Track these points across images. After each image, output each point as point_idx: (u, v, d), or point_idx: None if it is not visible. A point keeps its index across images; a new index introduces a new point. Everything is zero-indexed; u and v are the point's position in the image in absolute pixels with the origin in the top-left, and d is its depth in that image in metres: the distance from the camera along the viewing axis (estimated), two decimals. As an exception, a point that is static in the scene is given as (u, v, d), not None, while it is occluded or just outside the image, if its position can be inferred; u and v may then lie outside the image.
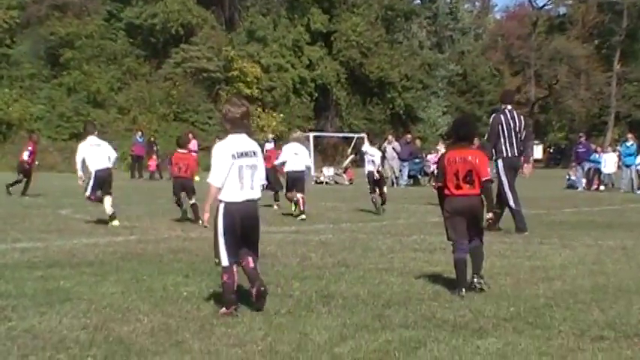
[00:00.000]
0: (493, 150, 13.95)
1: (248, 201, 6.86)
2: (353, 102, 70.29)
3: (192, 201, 14.82)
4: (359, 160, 52.32)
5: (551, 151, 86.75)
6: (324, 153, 60.97)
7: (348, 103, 69.18)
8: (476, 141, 10.55)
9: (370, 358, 5.09)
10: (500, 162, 13.96)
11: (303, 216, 16.07)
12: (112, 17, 59.12)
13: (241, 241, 6.88)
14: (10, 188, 22.34)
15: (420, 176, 37.18)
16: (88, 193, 14.23)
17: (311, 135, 46.00)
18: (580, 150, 34.29)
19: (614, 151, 35.44)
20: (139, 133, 42.34)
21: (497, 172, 13.75)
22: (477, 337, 5.72)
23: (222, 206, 6.77)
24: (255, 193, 6.94)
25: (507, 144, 13.86)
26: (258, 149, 7.10)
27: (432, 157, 37.67)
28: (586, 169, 33.68)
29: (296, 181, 16.83)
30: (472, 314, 6.48)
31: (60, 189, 27.25)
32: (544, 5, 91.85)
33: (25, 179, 23.04)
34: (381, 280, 8.14)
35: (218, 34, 61.49)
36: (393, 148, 34.48)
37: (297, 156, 17.10)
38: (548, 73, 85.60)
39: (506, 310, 6.66)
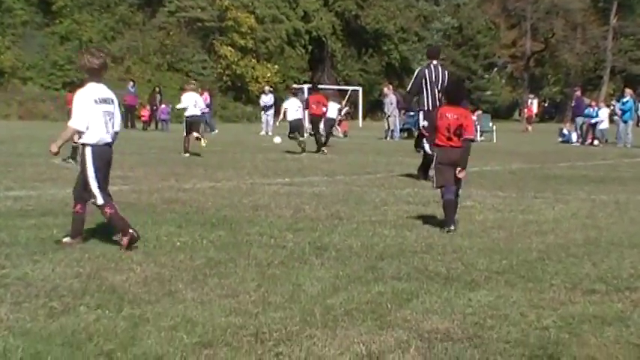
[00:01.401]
0: (416, 102, 14.46)
1: (108, 144, 7.34)
2: (348, 54, 70.00)
3: None
4: (353, 113, 52.48)
5: (546, 105, 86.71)
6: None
7: (343, 55, 68.91)
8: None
9: (362, 309, 5.10)
10: (421, 114, 14.35)
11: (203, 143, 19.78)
12: (105, -36, 58.43)
13: (104, 181, 7.39)
14: None
15: (414, 129, 37.09)
16: None
17: (305, 87, 45.83)
18: (574, 104, 34.28)
19: (607, 106, 35.41)
20: (131, 82, 42.13)
21: (417, 123, 14.68)
22: (469, 289, 5.74)
23: (90, 150, 7.19)
24: (110, 138, 7.36)
25: (430, 97, 14.16)
26: (115, 98, 7.53)
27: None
28: (579, 123, 33.70)
29: (194, 124, 20.57)
30: (464, 267, 6.50)
31: (53, 138, 27.17)
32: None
33: None
34: (374, 232, 8.16)
35: (212, -17, 60.88)
36: (391, 102, 34.31)
37: (196, 102, 20.61)
38: (544, 27, 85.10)
39: (498, 263, 6.68)
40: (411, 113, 37.05)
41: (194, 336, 4.44)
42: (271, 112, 37.36)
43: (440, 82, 14.18)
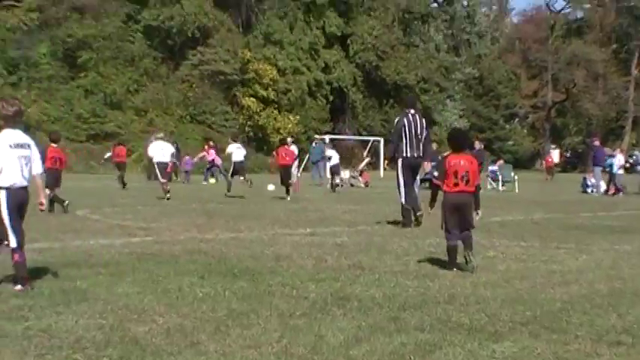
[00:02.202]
0: (395, 149, 15.01)
1: (23, 188, 7.63)
2: (369, 105, 70.39)
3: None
4: (375, 163, 52.53)
5: (568, 155, 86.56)
6: (340, 155, 60.95)
7: (364, 105, 69.27)
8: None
9: (385, 360, 5.08)
10: (399, 161, 14.91)
11: (169, 195, 22.29)
12: (129, 19, 59.35)
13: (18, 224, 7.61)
14: None
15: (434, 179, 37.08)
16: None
17: (327, 137, 46.00)
18: (593, 154, 34.16)
19: (621, 152, 35.29)
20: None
21: (396, 170, 15.02)
22: (493, 340, 5.69)
23: (4, 193, 7.48)
24: (26, 182, 7.66)
25: (408, 145, 14.76)
26: (32, 143, 7.85)
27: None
28: (599, 173, 33.52)
29: (163, 169, 23.31)
30: (488, 318, 6.45)
31: (76, 190, 27.34)
32: (562, 9, 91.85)
33: None
34: (396, 282, 8.13)
35: (234, 37, 61.69)
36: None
37: (162, 150, 23.59)
38: (565, 77, 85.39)
39: (522, 313, 6.63)
40: (433, 163, 37.20)
41: (216, 388, 4.43)
42: (295, 162, 37.57)
43: (418, 129, 14.84)
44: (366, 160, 40.61)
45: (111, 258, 9.56)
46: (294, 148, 38.12)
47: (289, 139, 40.57)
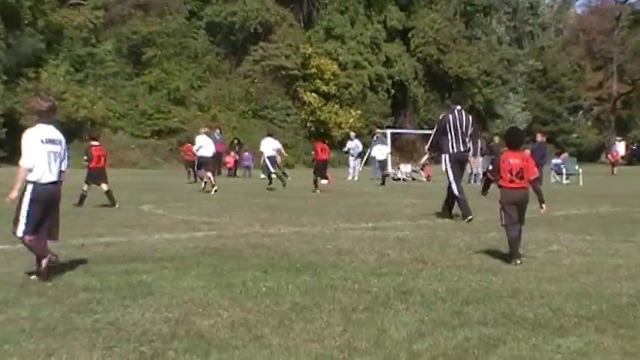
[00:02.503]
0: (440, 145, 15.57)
1: (52, 183, 7.79)
2: (431, 98, 69.95)
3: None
4: (437, 157, 52.19)
5: (634, 147, 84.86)
6: (402, 150, 60.83)
7: (425, 99, 68.87)
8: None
9: (449, 355, 5.06)
10: (446, 157, 15.39)
11: (216, 187, 22.89)
12: (192, 16, 59.89)
13: (43, 219, 7.81)
14: None
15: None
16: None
17: (388, 132, 45.86)
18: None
19: None
20: (217, 130, 42.76)
21: (445, 165, 15.50)
22: (558, 335, 5.64)
23: (30, 186, 7.67)
24: (57, 177, 7.87)
25: (454, 141, 15.18)
26: (63, 139, 8.03)
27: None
28: None
29: (205, 163, 24.35)
30: (552, 312, 6.40)
31: (141, 185, 27.74)
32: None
33: None
34: (459, 276, 8.09)
35: (296, 32, 61.81)
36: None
37: (206, 145, 24.72)
38: (631, 68, 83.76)
39: (587, 308, 6.56)
40: (493, 157, 36.83)
41: (280, 381, 4.47)
42: (358, 157, 37.79)
43: (464, 125, 15.20)
44: (428, 154, 40.31)
45: (176, 252, 9.69)
46: (357, 143, 38.20)
47: (352, 134, 40.68)
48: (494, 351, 5.19)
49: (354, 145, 38.22)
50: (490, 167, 10.10)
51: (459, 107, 15.56)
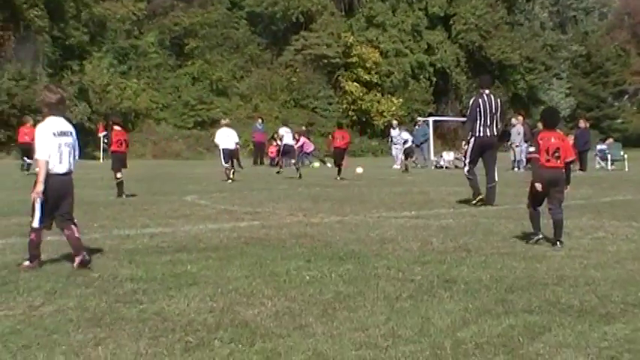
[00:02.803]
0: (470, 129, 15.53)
1: (65, 174, 7.90)
2: (473, 85, 69.44)
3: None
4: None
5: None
6: (444, 138, 60.58)
7: (468, 86, 68.45)
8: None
9: (494, 342, 5.04)
10: (472, 139, 15.44)
11: (231, 179, 23.73)
12: (234, 6, 60.19)
13: (56, 208, 7.88)
14: None
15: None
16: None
17: (430, 119, 45.67)
18: None
19: None
20: (260, 120, 42.93)
21: (468, 147, 15.58)
22: (604, 322, 5.59)
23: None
24: (70, 168, 7.97)
25: (482, 125, 15.31)
26: (74, 131, 8.12)
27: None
28: None
29: (229, 155, 24.81)
30: (598, 299, 6.34)
31: (185, 176, 27.95)
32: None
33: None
34: (503, 264, 8.05)
35: (337, 21, 61.82)
36: (518, 132, 33.82)
37: (228, 137, 25.31)
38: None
39: (634, 295, 6.49)
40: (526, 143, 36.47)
41: (325, 369, 4.49)
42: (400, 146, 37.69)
43: (493, 109, 15.37)
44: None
45: (219, 242, 9.75)
46: (404, 134, 37.99)
47: (394, 122, 40.54)
48: (540, 338, 5.16)
49: (396, 133, 38.10)
50: (532, 149, 10.11)
51: (487, 91, 15.71)
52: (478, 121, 15.31)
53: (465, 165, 15.86)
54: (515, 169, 33.03)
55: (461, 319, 5.69)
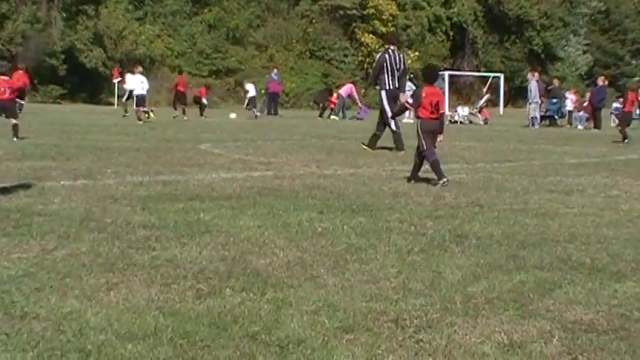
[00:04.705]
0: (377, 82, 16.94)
1: None
2: (490, 40, 68.99)
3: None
4: (494, 100, 51.60)
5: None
6: (459, 92, 60.27)
7: (484, 41, 67.93)
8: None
9: (504, 298, 5.05)
10: (383, 93, 16.74)
11: (141, 122, 26.82)
12: (253, -48, 59.60)
13: None
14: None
15: (556, 117, 36.17)
16: None
17: (446, 74, 45.39)
18: None
19: None
20: (275, 70, 42.73)
21: (381, 101, 16.96)
22: (615, 280, 5.59)
23: None
24: None
25: (390, 78, 16.52)
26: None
27: (570, 97, 36.57)
28: None
29: (141, 100, 28.83)
30: (609, 257, 6.33)
31: (200, 124, 27.96)
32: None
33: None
34: (515, 220, 8.04)
35: (354, -29, 61.16)
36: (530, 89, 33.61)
37: (142, 83, 29.13)
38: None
39: (646, 254, 6.48)
40: (554, 100, 36.33)
41: (335, 320, 4.51)
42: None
43: (398, 64, 16.63)
44: (486, 96, 39.87)
45: (232, 191, 9.77)
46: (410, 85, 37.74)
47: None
48: (550, 294, 5.17)
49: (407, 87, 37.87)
50: (410, 100, 11.25)
51: (392, 47, 16.96)
52: (385, 75, 16.51)
53: (389, 123, 16.78)
54: (530, 125, 32.87)
55: (472, 274, 5.70)
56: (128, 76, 30.75)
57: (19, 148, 14.57)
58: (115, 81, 43.72)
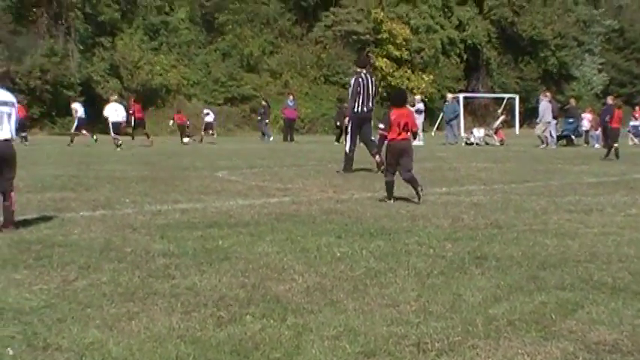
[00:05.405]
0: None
1: (5, 140, 8.55)
2: (504, 61, 69.00)
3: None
4: (510, 121, 51.56)
5: None
6: (474, 114, 60.25)
7: (499, 62, 67.95)
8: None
9: (526, 319, 5.02)
10: (350, 116, 17.15)
11: (119, 149, 27.88)
12: (264, -19, 60.04)
13: (1, 173, 8.58)
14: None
15: (573, 136, 36.05)
16: None
17: (461, 96, 45.39)
18: None
19: None
20: (291, 97, 42.88)
21: (348, 125, 17.38)
22: (638, 299, 5.55)
23: None
24: (9, 135, 8.59)
25: (360, 101, 16.84)
26: (15, 101, 8.86)
27: (587, 116, 36.46)
28: None
29: (117, 127, 29.76)
30: (631, 276, 6.29)
31: (216, 152, 28.04)
32: None
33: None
34: (535, 241, 8.00)
35: (368, -4, 61.46)
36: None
37: (116, 111, 30.26)
38: None
39: (668, 273, 6.43)
40: (570, 120, 36.21)
41: (357, 345, 4.49)
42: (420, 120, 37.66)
43: (371, 88, 16.99)
44: (501, 117, 39.80)
45: (250, 218, 9.78)
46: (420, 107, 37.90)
47: (417, 97, 40.33)
48: (573, 315, 5.14)
49: (415, 108, 38.15)
50: (381, 125, 11.96)
51: (364, 71, 17.24)
52: (359, 98, 16.79)
53: (346, 143, 17.28)
54: (543, 145, 32.72)
55: (492, 295, 5.67)
56: (108, 106, 31.44)
57: (40, 180, 14.65)
58: (132, 111, 43.99)
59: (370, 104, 17.01)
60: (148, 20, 54.22)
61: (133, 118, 34.59)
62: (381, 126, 11.91)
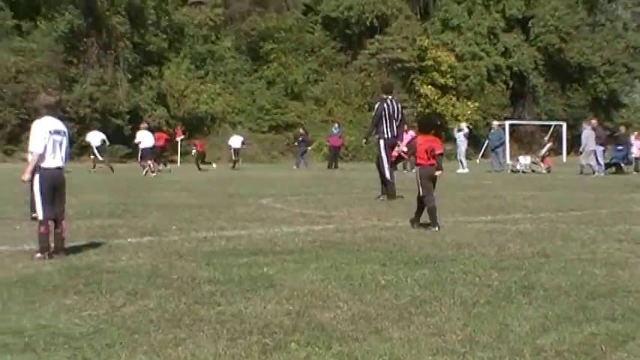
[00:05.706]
0: (375, 131, 17.64)
1: (58, 168, 8.74)
2: (551, 88, 68.55)
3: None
4: (557, 148, 51.12)
5: None
6: (520, 141, 59.84)
7: (545, 89, 67.49)
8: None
9: (575, 351, 4.95)
10: (381, 142, 17.28)
11: (146, 174, 29.53)
12: (309, 10, 60.65)
13: (52, 200, 8.66)
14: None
15: (622, 164, 35.60)
16: None
17: (506, 123, 45.14)
18: None
19: None
20: (336, 125, 43.03)
21: (379, 149, 17.39)
22: (690, 331, 5.45)
23: (39, 172, 8.57)
24: (62, 163, 8.78)
25: (387, 127, 17.18)
26: (66, 130, 8.99)
27: (637, 143, 36.05)
28: None
29: (147, 153, 31.02)
30: (683, 308, 6.18)
31: (261, 179, 28.17)
32: None
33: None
34: (583, 270, 7.90)
35: (412, 24, 61.66)
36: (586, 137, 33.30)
37: (146, 138, 31.51)
38: None
39: None
40: (620, 147, 35.79)
41: (402, 374, 4.47)
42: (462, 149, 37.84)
43: (396, 113, 17.24)
44: (548, 145, 39.46)
45: (295, 246, 9.80)
46: (460, 135, 38.05)
47: (463, 125, 40.29)
48: (623, 347, 5.06)
49: (463, 132, 38.36)
50: (404, 149, 12.44)
51: (390, 97, 17.55)
52: (384, 124, 17.13)
53: (384, 171, 17.30)
54: (597, 173, 32.38)
55: (540, 325, 5.61)
56: (138, 133, 32.83)
57: (89, 207, 14.84)
58: (179, 139, 44.46)
59: (395, 130, 17.29)
60: (195, 49, 54.91)
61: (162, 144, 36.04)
62: (404, 149, 12.28)
